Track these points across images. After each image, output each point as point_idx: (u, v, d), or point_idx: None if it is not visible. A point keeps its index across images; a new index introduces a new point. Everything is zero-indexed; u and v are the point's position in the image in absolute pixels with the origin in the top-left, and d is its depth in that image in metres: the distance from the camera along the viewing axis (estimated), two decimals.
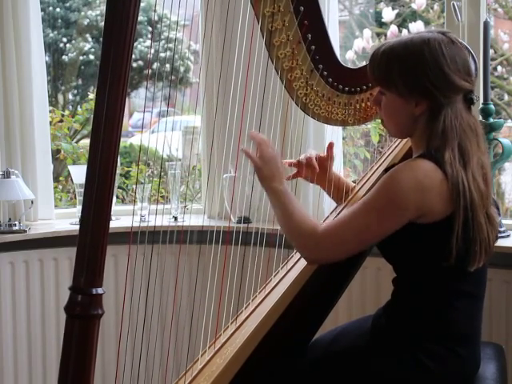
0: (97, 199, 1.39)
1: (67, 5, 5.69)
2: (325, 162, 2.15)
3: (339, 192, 2.18)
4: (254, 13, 1.94)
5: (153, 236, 2.53)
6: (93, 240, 1.41)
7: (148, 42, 4.68)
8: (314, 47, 1.98)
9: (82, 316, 1.44)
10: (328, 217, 2.12)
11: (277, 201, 1.85)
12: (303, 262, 1.93)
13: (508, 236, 2.67)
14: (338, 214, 2.05)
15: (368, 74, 1.83)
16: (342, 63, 2.06)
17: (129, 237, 2.75)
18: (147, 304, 2.20)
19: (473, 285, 1.81)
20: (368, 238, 1.75)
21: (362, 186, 2.13)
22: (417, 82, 1.74)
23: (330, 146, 2.16)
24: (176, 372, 2.86)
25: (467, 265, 1.73)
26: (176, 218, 3.16)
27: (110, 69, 1.36)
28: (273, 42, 1.96)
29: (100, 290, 1.44)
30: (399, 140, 2.16)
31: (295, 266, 1.97)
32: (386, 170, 1.90)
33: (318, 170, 2.12)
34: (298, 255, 2.01)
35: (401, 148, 2.13)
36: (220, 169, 3.08)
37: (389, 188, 1.70)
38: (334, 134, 2.78)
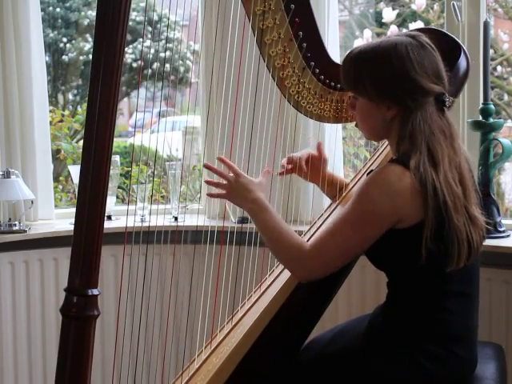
0: (91, 199, 1.39)
1: (67, 5, 5.69)
2: (317, 161, 2.17)
3: (333, 189, 2.19)
4: (245, 11, 1.94)
5: (148, 236, 2.53)
6: (87, 240, 1.40)
7: (148, 42, 4.67)
8: (305, 45, 1.98)
9: (78, 317, 1.43)
10: (322, 215, 2.13)
11: (255, 222, 1.87)
12: None
13: (508, 236, 2.67)
14: (330, 214, 2.06)
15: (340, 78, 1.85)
16: (334, 60, 2.06)
17: (129, 237, 2.76)
18: (142, 304, 2.20)
19: (462, 284, 1.80)
20: (351, 250, 1.76)
21: (355, 184, 2.13)
22: (385, 87, 1.76)
23: (319, 146, 2.19)
24: (174, 371, 2.86)
25: (445, 266, 1.72)
26: (176, 218, 3.16)
27: (102, 68, 1.36)
28: (264, 40, 1.96)
29: (95, 291, 1.44)
30: None
31: None
32: (368, 174, 1.91)
33: (305, 171, 2.15)
34: None
35: (388, 151, 2.14)
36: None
37: (361, 198, 1.72)
38: (333, 133, 2.78)
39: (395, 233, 1.72)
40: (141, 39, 5.39)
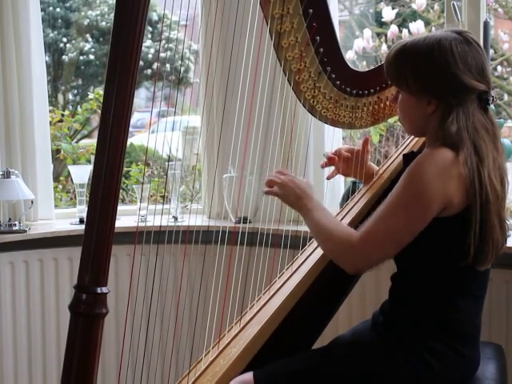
0: (103, 198, 1.38)
1: (67, 5, 5.69)
2: (361, 155, 2.17)
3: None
4: (263, 14, 1.94)
5: (150, 236, 2.53)
6: (98, 238, 1.40)
7: (148, 42, 4.66)
8: (322, 49, 1.98)
9: (87, 315, 1.42)
10: (354, 196, 2.13)
11: (307, 219, 1.88)
12: (308, 264, 1.94)
13: (508, 236, 2.67)
14: (354, 205, 2.06)
15: (384, 72, 1.84)
16: (350, 66, 2.05)
17: (129, 237, 2.75)
18: (151, 303, 2.19)
19: (479, 285, 1.81)
20: (402, 237, 1.73)
21: (381, 175, 2.13)
22: (426, 82, 1.75)
23: (366, 141, 2.18)
24: (179, 372, 2.86)
25: (478, 264, 1.73)
26: (176, 218, 3.16)
27: (119, 67, 1.35)
28: (281, 43, 1.95)
29: (105, 289, 1.43)
30: None
31: (300, 268, 1.96)
32: (405, 156, 1.91)
33: (350, 157, 2.15)
34: (303, 257, 2.01)
35: (417, 140, 2.15)
36: (220, 169, 3.08)
37: (411, 179, 1.70)
38: (334, 133, 2.79)
39: (437, 221, 1.70)
40: None
